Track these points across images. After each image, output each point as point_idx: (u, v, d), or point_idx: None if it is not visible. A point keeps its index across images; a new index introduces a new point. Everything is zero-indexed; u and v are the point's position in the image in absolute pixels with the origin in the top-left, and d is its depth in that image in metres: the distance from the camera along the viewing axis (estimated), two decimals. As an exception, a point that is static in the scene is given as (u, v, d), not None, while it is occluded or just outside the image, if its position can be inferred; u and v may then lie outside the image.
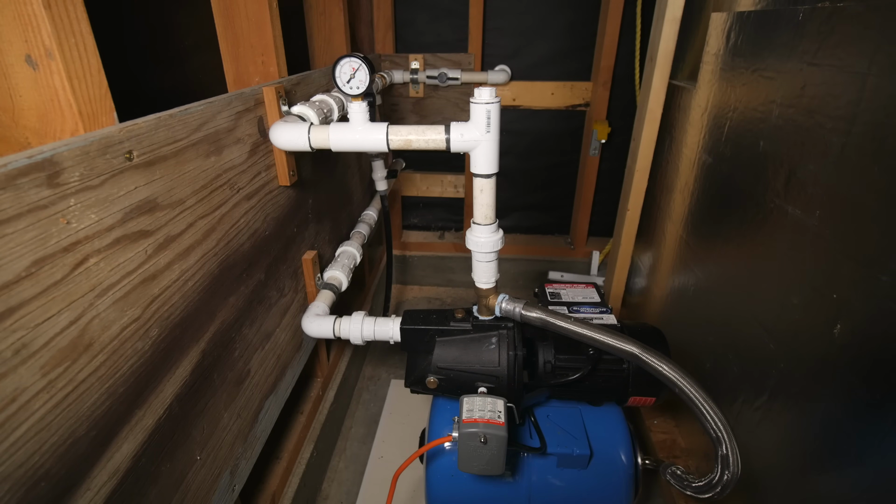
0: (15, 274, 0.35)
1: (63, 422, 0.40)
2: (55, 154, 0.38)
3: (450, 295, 2.02)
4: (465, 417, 0.72)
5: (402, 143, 0.72)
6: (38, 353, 0.37)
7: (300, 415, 1.13)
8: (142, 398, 0.49)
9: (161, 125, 0.51)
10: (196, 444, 0.60)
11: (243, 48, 0.82)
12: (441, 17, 1.71)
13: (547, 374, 0.83)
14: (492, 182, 0.73)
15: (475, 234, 0.77)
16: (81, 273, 0.41)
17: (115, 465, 0.46)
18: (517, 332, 0.81)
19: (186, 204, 0.56)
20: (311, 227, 1.00)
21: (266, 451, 0.91)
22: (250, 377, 0.75)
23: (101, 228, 0.43)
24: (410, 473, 1.14)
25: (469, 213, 1.97)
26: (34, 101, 0.43)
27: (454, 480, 0.85)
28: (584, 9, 1.64)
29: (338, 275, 1.03)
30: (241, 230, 0.70)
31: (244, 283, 0.72)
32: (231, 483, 0.70)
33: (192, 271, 0.58)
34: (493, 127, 0.68)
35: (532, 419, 0.88)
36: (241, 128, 0.69)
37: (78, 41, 0.43)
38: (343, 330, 0.90)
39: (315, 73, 1.00)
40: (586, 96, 1.73)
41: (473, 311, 0.85)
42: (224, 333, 0.66)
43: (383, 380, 1.52)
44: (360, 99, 0.72)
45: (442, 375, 0.81)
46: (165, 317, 0.53)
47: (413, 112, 1.81)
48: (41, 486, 0.38)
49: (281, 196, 0.84)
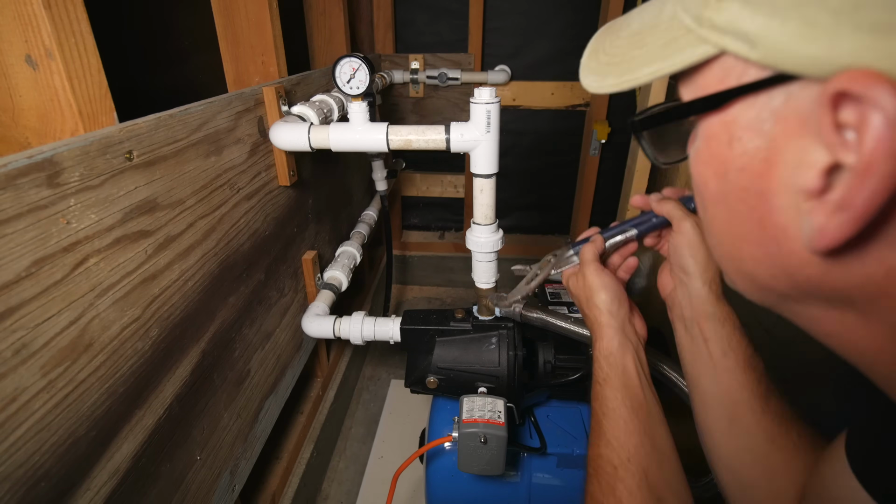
0: (15, 274, 0.35)
1: (63, 422, 0.40)
2: (55, 154, 0.38)
3: (450, 295, 2.02)
4: (465, 417, 0.72)
5: (402, 143, 0.72)
6: (38, 353, 0.37)
7: (300, 415, 1.14)
8: (142, 398, 0.50)
9: (161, 125, 0.51)
10: (196, 444, 0.60)
11: (243, 48, 0.82)
12: (441, 17, 1.71)
13: (547, 374, 0.83)
14: (492, 182, 0.73)
15: (475, 234, 0.77)
16: (81, 273, 0.41)
17: (115, 465, 0.46)
18: (517, 332, 0.81)
19: (186, 204, 0.56)
20: (311, 227, 1.00)
21: (266, 451, 0.91)
22: (250, 377, 0.75)
23: (101, 228, 0.43)
24: (410, 473, 1.14)
25: (469, 213, 1.97)
26: (34, 101, 0.43)
27: (454, 480, 0.84)
28: (584, 9, 1.64)
29: (338, 275, 1.03)
30: (241, 230, 0.70)
31: (244, 283, 0.72)
32: (231, 483, 0.70)
33: (192, 271, 0.58)
34: (493, 127, 0.68)
35: (532, 419, 0.88)
36: (241, 128, 0.69)
37: (78, 41, 0.43)
38: (343, 330, 0.90)
39: (315, 73, 1.00)
40: (586, 96, 1.73)
41: (473, 311, 0.85)
42: (224, 333, 0.66)
43: (383, 380, 1.52)
44: (360, 99, 0.72)
45: (442, 375, 0.81)
46: (165, 317, 0.53)
47: (413, 112, 1.81)
48: (41, 486, 0.38)
49: (281, 196, 0.84)
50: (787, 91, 0.23)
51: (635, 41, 0.30)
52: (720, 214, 0.29)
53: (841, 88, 0.20)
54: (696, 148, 0.29)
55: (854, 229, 0.21)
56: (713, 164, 0.28)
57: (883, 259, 0.22)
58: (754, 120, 0.24)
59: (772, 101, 0.24)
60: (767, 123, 0.24)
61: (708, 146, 0.28)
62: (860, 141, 0.20)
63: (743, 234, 0.28)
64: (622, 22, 0.34)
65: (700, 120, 0.28)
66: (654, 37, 0.29)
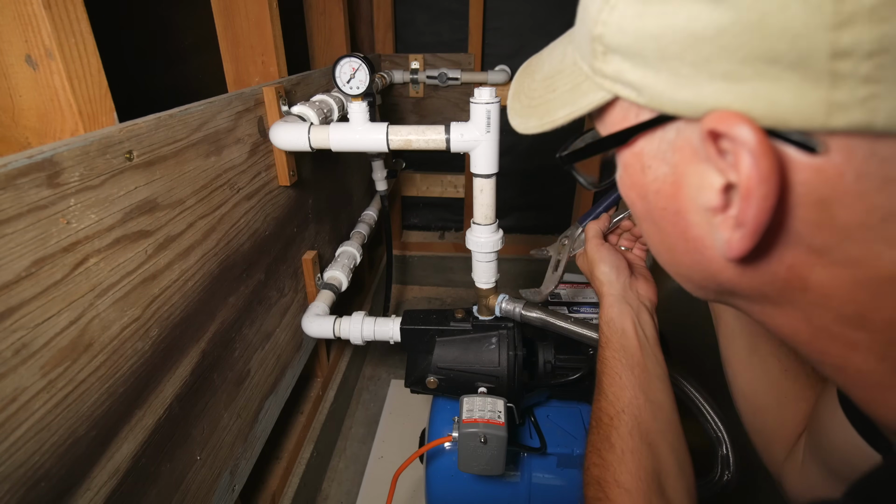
0: (15, 274, 0.35)
1: (63, 422, 0.40)
2: (55, 154, 0.38)
3: (450, 295, 2.02)
4: (465, 417, 0.71)
5: (402, 143, 0.72)
6: (38, 353, 0.37)
7: (300, 415, 1.14)
8: (142, 398, 0.50)
9: (161, 125, 0.51)
10: (196, 444, 0.60)
11: (243, 48, 0.82)
12: (441, 17, 1.71)
13: (547, 374, 0.83)
14: (492, 182, 0.72)
15: (475, 234, 0.77)
16: (81, 273, 0.41)
17: (115, 465, 0.46)
18: (517, 332, 0.81)
19: (186, 204, 0.56)
20: (311, 227, 1.00)
21: (266, 451, 0.91)
22: (250, 377, 0.75)
23: (101, 228, 0.43)
24: (410, 473, 1.14)
25: (469, 213, 1.97)
26: (34, 101, 0.43)
27: (454, 480, 0.84)
28: (584, 9, 1.64)
29: (338, 275, 1.03)
30: (241, 230, 0.70)
31: (244, 283, 0.72)
32: (231, 483, 0.70)
33: (192, 271, 0.58)
34: (493, 127, 0.68)
35: (532, 419, 0.88)
36: (241, 128, 0.69)
37: (78, 41, 0.43)
38: (343, 330, 0.90)
39: (315, 73, 1.00)
40: (586, 96, 1.73)
41: (473, 311, 0.85)
42: (224, 333, 0.66)
43: (383, 380, 1.52)
44: (360, 99, 0.72)
45: (442, 375, 0.81)
46: (165, 317, 0.53)
47: (413, 112, 1.81)
48: (41, 486, 0.38)
49: (281, 196, 0.84)
50: (676, 127, 0.27)
51: (548, 85, 0.34)
52: (651, 229, 0.33)
53: (710, 128, 0.23)
54: (619, 175, 0.33)
55: (752, 242, 0.24)
56: (634, 189, 0.32)
57: (783, 258, 0.25)
58: (657, 151, 0.28)
59: (666, 134, 0.27)
60: (668, 153, 0.28)
61: (627, 173, 0.32)
62: (737, 170, 0.23)
63: (672, 245, 0.31)
64: (535, 64, 0.38)
65: (616, 152, 0.32)
66: (562, 81, 0.33)
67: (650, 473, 0.42)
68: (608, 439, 0.46)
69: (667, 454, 0.44)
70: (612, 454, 0.45)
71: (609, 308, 0.55)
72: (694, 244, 0.29)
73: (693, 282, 0.33)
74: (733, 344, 0.56)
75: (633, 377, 0.49)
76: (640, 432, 0.45)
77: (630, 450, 0.44)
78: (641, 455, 0.44)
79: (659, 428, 0.46)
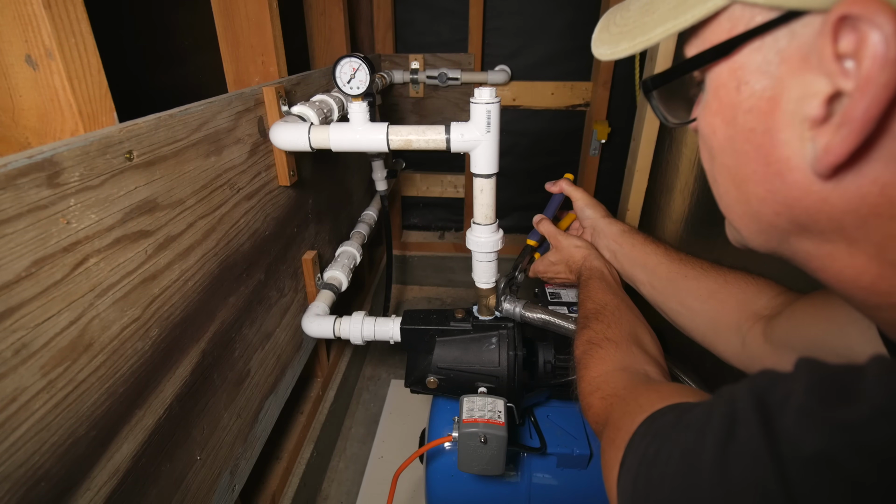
0: (15, 274, 0.35)
1: (63, 422, 0.40)
2: (55, 154, 0.38)
3: (450, 295, 2.02)
4: (465, 417, 0.72)
5: (402, 143, 0.72)
6: (38, 353, 0.37)
7: (300, 415, 1.14)
8: (142, 398, 0.49)
9: (161, 125, 0.51)
10: (196, 444, 0.60)
11: (243, 48, 0.82)
12: (441, 17, 1.71)
13: (547, 374, 0.83)
14: (492, 182, 0.72)
15: (475, 234, 0.77)
16: (81, 273, 0.41)
17: (115, 465, 0.46)
18: (517, 332, 0.81)
19: (186, 204, 0.56)
20: (311, 227, 1.00)
21: (266, 451, 0.91)
22: (250, 377, 0.75)
23: (101, 228, 0.43)
24: (410, 473, 1.14)
25: (469, 213, 1.97)
26: (34, 101, 0.43)
27: (454, 480, 0.85)
28: (583, 9, 1.64)
29: (338, 275, 1.03)
30: (241, 230, 0.70)
31: (244, 283, 0.72)
32: (231, 483, 0.70)
33: (192, 271, 0.58)
34: (494, 127, 0.68)
35: (532, 419, 0.88)
36: (241, 128, 0.69)
37: (78, 41, 0.43)
38: (343, 330, 0.90)
39: (315, 73, 1.00)
40: (586, 96, 1.73)
41: (473, 311, 0.85)
42: (224, 333, 0.66)
43: (383, 380, 1.52)
44: (360, 99, 0.72)
45: (442, 375, 0.81)
46: (165, 317, 0.53)
47: (413, 112, 1.81)
48: (41, 486, 0.38)
49: (281, 196, 0.84)
50: (790, 30, 0.26)
51: (646, 9, 0.33)
52: (727, 160, 0.32)
53: (843, 13, 0.22)
54: (706, 101, 0.32)
55: (856, 142, 0.23)
56: (722, 112, 0.30)
57: (877, 177, 0.24)
58: (761, 62, 0.27)
59: (777, 42, 0.26)
60: (773, 65, 0.27)
61: (717, 96, 0.31)
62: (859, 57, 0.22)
63: (748, 175, 0.30)
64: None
65: (708, 73, 0.31)
66: (665, 2, 0.31)
67: (630, 333, 0.59)
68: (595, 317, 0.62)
69: (641, 327, 0.61)
70: (599, 324, 0.61)
71: (588, 261, 0.76)
72: (777, 167, 0.28)
73: (761, 220, 0.31)
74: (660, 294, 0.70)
75: (611, 290, 0.68)
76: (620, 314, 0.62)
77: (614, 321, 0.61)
78: (622, 324, 0.60)
79: (635, 314, 0.64)
